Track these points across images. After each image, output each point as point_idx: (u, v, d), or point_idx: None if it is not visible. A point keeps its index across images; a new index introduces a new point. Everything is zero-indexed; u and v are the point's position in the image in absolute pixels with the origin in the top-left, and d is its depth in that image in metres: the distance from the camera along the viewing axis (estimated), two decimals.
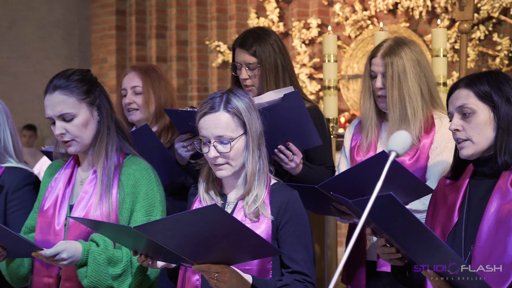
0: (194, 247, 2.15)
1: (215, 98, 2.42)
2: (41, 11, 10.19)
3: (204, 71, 8.46)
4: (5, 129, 2.91)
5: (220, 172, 2.40)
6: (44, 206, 2.63)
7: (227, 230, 2.09)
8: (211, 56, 8.45)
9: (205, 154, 2.41)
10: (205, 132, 2.39)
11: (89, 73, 2.65)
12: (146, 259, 2.28)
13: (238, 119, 2.39)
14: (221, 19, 8.39)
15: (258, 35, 3.18)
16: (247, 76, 3.14)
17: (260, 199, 2.39)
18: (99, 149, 2.59)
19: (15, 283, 2.70)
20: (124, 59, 8.82)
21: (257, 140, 2.42)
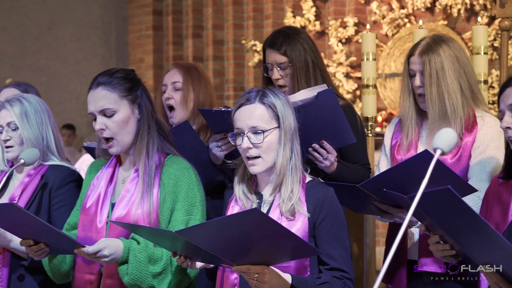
0: (233, 249, 2.16)
1: (251, 92, 2.46)
2: (79, 13, 10.31)
3: (240, 70, 8.48)
4: (47, 128, 2.96)
5: (253, 167, 2.42)
6: (86, 204, 2.66)
7: (267, 233, 2.10)
8: (247, 55, 8.46)
9: (239, 147, 2.43)
10: (239, 123, 2.41)
11: (133, 73, 2.69)
12: (185, 260, 2.30)
13: (273, 112, 2.41)
14: (257, 19, 8.40)
15: (287, 34, 3.18)
16: (279, 76, 3.14)
17: (295, 196, 2.40)
18: (140, 147, 2.61)
19: (57, 279, 2.74)
20: (161, 59, 8.88)
21: (290, 135, 2.43)
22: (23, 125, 2.90)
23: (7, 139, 2.91)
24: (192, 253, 2.27)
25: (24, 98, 2.96)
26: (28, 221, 2.45)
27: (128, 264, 2.49)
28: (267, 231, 2.09)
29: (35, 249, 2.53)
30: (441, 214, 2.04)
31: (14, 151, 2.92)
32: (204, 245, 2.16)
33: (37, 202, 2.88)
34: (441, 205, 1.96)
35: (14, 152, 2.92)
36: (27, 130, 2.90)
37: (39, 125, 2.93)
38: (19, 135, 2.90)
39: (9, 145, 2.92)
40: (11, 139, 2.91)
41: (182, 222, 2.55)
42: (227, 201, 2.56)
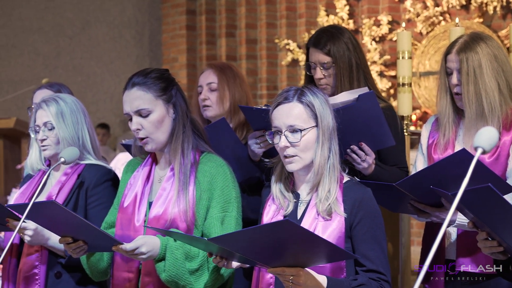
0: (267, 254, 2.17)
1: (290, 90, 2.45)
2: (113, 12, 10.39)
3: (273, 69, 8.49)
4: (83, 128, 2.99)
5: (290, 165, 2.41)
6: (124, 203, 2.68)
7: (301, 241, 2.10)
8: (280, 54, 8.46)
9: (276, 145, 2.42)
10: (277, 122, 2.41)
11: (167, 72, 2.71)
12: (221, 260, 2.31)
13: (311, 111, 2.40)
14: (290, 17, 8.40)
15: (332, 34, 3.16)
16: (322, 75, 3.13)
17: (332, 196, 2.39)
18: (175, 146, 2.63)
19: (95, 276, 2.77)
20: (194, 59, 8.92)
21: (329, 135, 2.42)
22: (59, 124, 2.93)
23: (44, 139, 2.94)
24: (227, 254, 2.28)
25: (60, 98, 2.99)
26: (68, 219, 2.48)
27: (165, 261, 2.51)
28: (301, 239, 2.09)
29: (74, 246, 2.56)
30: (483, 211, 2.03)
31: (50, 150, 2.95)
32: (237, 250, 2.17)
33: (73, 200, 2.91)
34: (482, 203, 1.95)
35: (51, 151, 2.96)
36: (63, 129, 2.93)
37: (74, 125, 2.96)
38: (55, 134, 2.93)
39: (46, 144, 2.95)
40: (48, 139, 2.94)
41: (218, 219, 2.57)
42: (264, 200, 2.57)
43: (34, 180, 3.05)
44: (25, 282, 2.85)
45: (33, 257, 2.86)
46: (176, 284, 2.52)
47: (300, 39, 8.33)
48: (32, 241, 2.78)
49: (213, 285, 2.56)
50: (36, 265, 2.86)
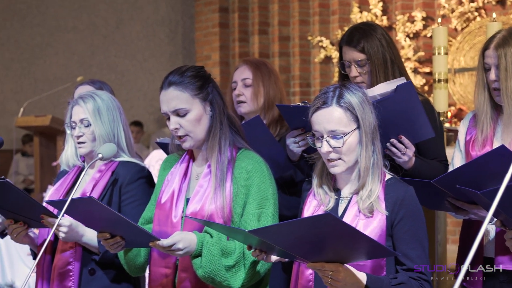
0: (307, 248, 2.16)
1: (328, 92, 2.41)
2: (146, 11, 10.45)
3: (306, 66, 8.47)
4: (118, 125, 3.00)
5: (334, 168, 2.40)
6: (161, 199, 2.70)
7: (342, 235, 2.09)
8: (313, 51, 8.44)
9: (318, 149, 2.41)
10: (317, 127, 2.39)
11: (203, 70, 2.70)
12: (260, 253, 2.31)
13: (351, 113, 2.38)
14: (323, 14, 8.37)
15: (364, 31, 3.14)
16: (357, 73, 3.11)
17: (374, 194, 2.37)
18: (213, 143, 2.64)
19: (132, 272, 2.78)
20: (227, 56, 8.94)
21: (371, 135, 2.40)
22: (95, 121, 2.94)
23: (80, 135, 2.95)
24: (267, 247, 2.28)
25: (97, 94, 3.00)
26: (105, 215, 2.49)
27: (201, 257, 2.51)
28: (342, 234, 2.08)
29: (112, 242, 2.57)
30: None
31: (86, 147, 2.96)
32: (277, 243, 2.17)
33: (107, 197, 2.91)
34: None
35: (86, 148, 2.97)
36: (100, 126, 2.95)
37: (111, 122, 2.97)
38: (92, 131, 2.95)
39: (82, 141, 2.96)
40: (84, 135, 2.95)
41: (254, 216, 2.57)
42: (304, 195, 2.56)
43: (69, 176, 3.07)
44: (59, 279, 2.87)
45: (67, 254, 2.88)
46: (213, 280, 2.53)
47: (333, 36, 8.30)
48: (67, 237, 2.80)
49: (249, 281, 2.56)
50: (70, 261, 2.87)
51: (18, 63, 10.10)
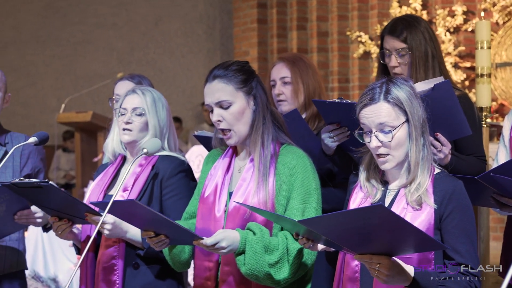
0: (356, 239, 2.15)
1: (374, 88, 2.40)
2: (185, 7, 10.51)
3: (345, 62, 8.43)
4: (168, 121, 3.04)
5: (384, 165, 2.39)
6: (204, 193, 2.71)
7: (392, 227, 2.07)
8: (352, 46, 8.39)
9: (367, 144, 2.41)
10: (366, 122, 2.38)
11: (247, 65, 2.72)
12: (307, 242, 2.31)
13: (399, 108, 2.37)
14: (362, 9, 8.32)
15: (408, 22, 3.12)
16: (396, 63, 3.08)
17: (423, 187, 2.36)
18: (255, 138, 2.64)
19: (177, 267, 2.80)
20: (265, 52, 8.94)
21: (420, 128, 2.39)
22: (151, 112, 2.97)
23: (129, 122, 2.96)
24: (314, 236, 2.29)
25: (150, 90, 3.04)
26: (149, 216, 2.51)
27: (245, 255, 2.52)
28: (392, 226, 2.07)
29: (156, 240, 2.59)
30: None
31: (131, 135, 2.97)
32: (325, 234, 2.17)
33: (149, 192, 2.93)
34: None
35: (131, 136, 2.97)
36: (154, 118, 2.97)
37: (164, 117, 3.01)
38: (143, 121, 2.96)
39: (128, 128, 2.96)
40: (133, 123, 2.96)
41: (298, 211, 2.57)
42: (351, 188, 2.56)
43: (109, 170, 3.09)
44: (104, 273, 2.89)
45: (111, 249, 2.90)
46: (257, 277, 2.53)
47: (372, 31, 8.25)
48: (111, 234, 2.82)
49: (294, 276, 2.56)
50: (114, 256, 2.90)
51: (59, 60, 10.23)
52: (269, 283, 2.54)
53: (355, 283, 2.41)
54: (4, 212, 3.09)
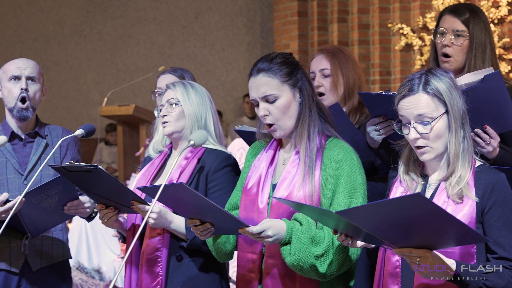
0: (395, 231, 2.13)
1: (413, 79, 2.38)
2: (224, 1, 10.52)
3: (386, 54, 8.37)
4: (207, 110, 3.03)
5: (423, 156, 2.37)
6: (247, 185, 2.70)
7: (431, 218, 2.05)
8: (393, 39, 8.32)
9: (406, 136, 2.38)
10: (404, 113, 2.36)
11: (291, 56, 2.69)
12: (346, 238, 2.29)
13: (439, 99, 2.33)
14: (404, 1, 8.24)
15: (472, 8, 3.07)
16: (450, 43, 3.02)
17: (464, 180, 2.32)
18: (301, 130, 2.63)
19: (220, 258, 2.81)
20: (306, 45, 8.91)
21: (460, 120, 2.35)
22: (184, 100, 2.97)
23: (165, 115, 2.99)
24: (353, 232, 2.27)
25: (188, 82, 3.05)
26: (195, 201, 2.51)
27: (291, 245, 2.51)
28: (431, 217, 2.04)
29: (201, 228, 2.59)
30: None
31: (170, 126, 2.99)
32: (364, 226, 2.14)
33: (194, 185, 2.93)
34: None
35: (170, 127, 2.99)
36: (188, 106, 2.97)
37: (199, 104, 3.00)
38: (178, 110, 2.97)
39: (166, 121, 2.99)
40: (168, 115, 2.98)
41: (344, 205, 2.55)
42: (390, 182, 2.53)
43: (155, 162, 3.10)
44: (147, 264, 2.91)
45: (156, 240, 2.91)
46: (301, 269, 2.52)
47: (414, 23, 8.17)
48: (156, 224, 2.84)
49: (338, 270, 2.54)
50: (158, 247, 2.91)
51: (100, 54, 10.33)
52: (314, 276, 2.52)
53: (396, 279, 2.38)
54: (55, 203, 3.15)
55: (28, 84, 3.34)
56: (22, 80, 3.34)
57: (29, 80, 3.36)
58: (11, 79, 3.34)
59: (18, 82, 3.34)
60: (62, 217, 3.31)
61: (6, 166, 3.36)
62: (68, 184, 3.07)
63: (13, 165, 3.36)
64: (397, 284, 2.38)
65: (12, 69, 3.35)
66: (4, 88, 3.37)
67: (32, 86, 3.37)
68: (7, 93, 3.36)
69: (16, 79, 3.34)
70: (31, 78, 3.36)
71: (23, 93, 3.33)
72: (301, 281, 2.57)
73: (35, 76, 3.38)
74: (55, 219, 3.30)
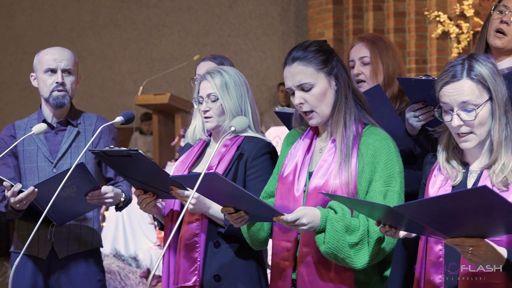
0: (449, 222, 2.09)
1: (456, 66, 2.33)
2: None
3: (422, 42, 8.28)
4: (245, 101, 3.02)
5: (465, 144, 2.33)
6: (284, 173, 2.69)
7: (492, 209, 2.01)
8: (430, 27, 8.23)
9: (447, 123, 2.34)
10: (447, 100, 2.32)
11: (326, 44, 2.67)
12: (390, 229, 2.27)
13: (483, 86, 2.30)
14: None
15: None
16: (510, 21, 2.96)
17: (508, 168, 2.29)
18: (338, 118, 2.61)
19: (255, 245, 2.80)
20: (341, 33, 8.85)
21: (504, 107, 2.31)
22: (223, 96, 2.97)
23: (207, 110, 2.98)
24: (396, 222, 2.24)
25: (224, 70, 3.02)
26: (229, 190, 2.51)
27: (325, 233, 2.49)
28: (492, 208, 2.00)
29: (236, 216, 2.58)
30: None
31: (212, 121, 2.99)
32: (421, 219, 2.11)
33: (233, 172, 2.93)
34: None
35: (213, 122, 3.00)
36: (228, 101, 2.97)
37: (238, 97, 2.99)
38: (219, 106, 2.97)
39: (208, 116, 2.99)
40: (210, 110, 2.98)
41: (380, 193, 2.52)
42: (428, 170, 2.50)
43: (194, 150, 3.11)
44: (185, 250, 2.92)
45: (194, 226, 2.92)
46: (335, 257, 2.50)
47: (451, 11, 8.06)
48: (194, 209, 2.85)
49: (373, 260, 2.52)
50: (196, 233, 2.92)
51: (135, 44, 10.39)
52: (348, 264, 2.51)
53: (440, 268, 2.36)
54: (75, 193, 3.18)
55: (63, 77, 3.37)
56: (58, 73, 3.37)
57: (65, 72, 3.39)
58: (47, 72, 3.37)
59: (53, 75, 3.37)
60: (88, 206, 3.33)
61: (37, 154, 3.40)
62: (85, 174, 3.09)
63: (43, 153, 3.40)
64: (440, 273, 2.35)
65: (48, 61, 3.38)
66: (40, 80, 3.40)
67: (68, 78, 3.39)
68: (43, 84, 3.39)
69: (52, 71, 3.37)
70: (67, 71, 3.39)
71: (58, 86, 3.36)
72: (336, 269, 2.55)
73: (71, 68, 3.40)
74: (80, 208, 3.33)
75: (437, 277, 2.36)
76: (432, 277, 2.37)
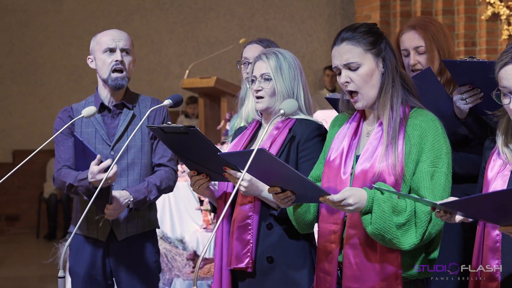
0: (500, 215, 2.07)
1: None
2: None
3: (472, 24, 8.12)
4: (298, 84, 3.03)
5: None
6: (330, 157, 2.70)
7: None
8: (479, 8, 8.07)
9: (506, 106, 2.30)
10: (506, 82, 2.28)
11: (376, 26, 2.68)
12: (445, 214, 2.25)
13: None
14: None
15: None
16: None
17: None
18: (384, 101, 2.60)
19: (301, 228, 2.82)
20: (388, 15, 8.74)
21: None
22: (277, 77, 2.98)
23: (259, 89, 2.99)
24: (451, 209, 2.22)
25: (280, 52, 3.04)
26: (276, 168, 2.51)
27: (372, 214, 2.49)
28: None
29: (282, 196, 2.59)
30: None
31: (263, 102, 3.01)
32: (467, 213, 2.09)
33: (285, 154, 2.95)
34: None
35: (264, 103, 3.01)
36: (280, 83, 2.98)
37: (291, 80, 3.00)
38: (271, 86, 2.98)
39: (260, 96, 3.00)
40: (263, 90, 2.99)
41: (427, 174, 2.52)
42: (487, 154, 2.47)
43: (246, 132, 3.13)
44: (238, 232, 2.95)
45: (247, 208, 2.95)
46: (382, 238, 2.50)
47: None
48: (247, 191, 2.87)
49: (420, 241, 2.50)
50: (249, 215, 2.94)
51: (181, 27, 10.43)
52: (395, 245, 2.50)
53: (496, 253, 2.34)
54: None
55: (122, 56, 3.41)
56: (117, 52, 3.44)
57: (123, 52, 3.44)
58: (106, 51, 3.43)
59: (112, 54, 3.44)
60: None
61: (95, 136, 3.46)
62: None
63: (101, 135, 3.45)
64: (497, 258, 2.34)
65: (106, 41, 3.44)
66: (98, 60, 3.46)
67: (126, 58, 3.47)
68: (102, 64, 3.45)
69: (111, 51, 3.43)
70: (125, 50, 3.46)
71: (118, 64, 3.41)
72: (382, 251, 2.55)
73: (129, 48, 3.49)
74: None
75: (494, 262, 2.34)
76: (489, 262, 2.35)
